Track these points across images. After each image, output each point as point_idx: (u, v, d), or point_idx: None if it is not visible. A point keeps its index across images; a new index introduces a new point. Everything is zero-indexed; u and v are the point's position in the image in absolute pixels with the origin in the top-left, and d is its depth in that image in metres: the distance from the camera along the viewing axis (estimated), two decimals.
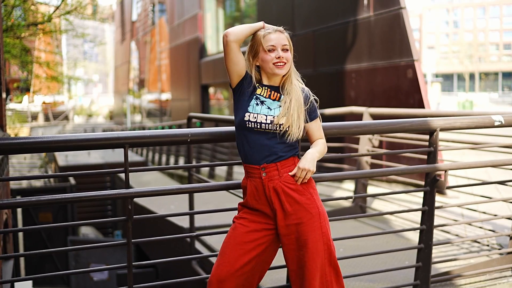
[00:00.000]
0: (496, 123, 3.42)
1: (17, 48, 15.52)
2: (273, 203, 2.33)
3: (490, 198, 4.15)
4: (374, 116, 6.06)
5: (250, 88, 2.40)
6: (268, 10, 13.55)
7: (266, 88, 2.40)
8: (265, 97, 2.37)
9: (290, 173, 2.33)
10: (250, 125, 2.33)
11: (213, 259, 4.38)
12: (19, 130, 24.29)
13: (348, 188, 7.33)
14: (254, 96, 2.38)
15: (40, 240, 10.12)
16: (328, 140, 2.60)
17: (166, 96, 28.70)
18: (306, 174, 2.31)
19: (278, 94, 2.38)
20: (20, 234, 9.97)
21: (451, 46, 78.48)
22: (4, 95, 6.17)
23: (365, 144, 5.96)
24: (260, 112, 2.33)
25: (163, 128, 20.66)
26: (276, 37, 2.35)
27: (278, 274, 3.53)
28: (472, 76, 72.88)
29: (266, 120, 2.31)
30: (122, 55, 45.88)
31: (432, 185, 3.29)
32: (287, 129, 2.31)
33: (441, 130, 3.30)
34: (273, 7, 13.15)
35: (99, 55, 73.73)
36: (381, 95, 8.72)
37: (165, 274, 6.92)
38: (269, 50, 2.33)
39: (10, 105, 26.09)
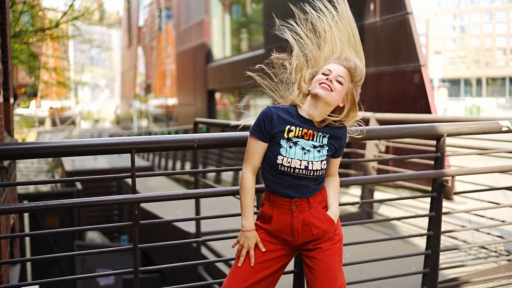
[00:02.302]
0: (504, 129, 3.40)
1: (25, 53, 15.64)
2: (299, 234, 2.32)
3: (498, 204, 4.13)
4: (381, 122, 6.06)
5: (282, 127, 2.26)
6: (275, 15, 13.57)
7: (299, 127, 2.26)
8: (298, 137, 2.25)
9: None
10: (282, 169, 2.25)
11: (219, 265, 4.37)
12: (26, 135, 24.42)
13: (354, 193, 7.30)
14: (286, 139, 2.25)
15: (46, 245, 10.15)
16: None
17: (172, 101, 28.81)
18: None
19: (312, 132, 2.26)
20: (27, 239, 10.00)
21: (458, 51, 78.37)
22: (11, 100, 6.21)
23: (372, 150, 5.94)
24: (294, 157, 2.22)
25: (169, 133, 20.71)
26: (336, 67, 2.25)
27: (284, 280, 3.51)
28: (479, 81, 72.68)
29: (300, 165, 2.21)
30: (129, 60, 46.12)
31: (439, 191, 3.28)
32: (323, 171, 2.26)
33: (448, 135, 3.28)
34: (280, 13, 13.17)
35: (106, 60, 74.13)
36: (388, 100, 8.70)
37: (171, 279, 6.91)
38: (323, 73, 2.25)
39: (18, 110, 26.24)
